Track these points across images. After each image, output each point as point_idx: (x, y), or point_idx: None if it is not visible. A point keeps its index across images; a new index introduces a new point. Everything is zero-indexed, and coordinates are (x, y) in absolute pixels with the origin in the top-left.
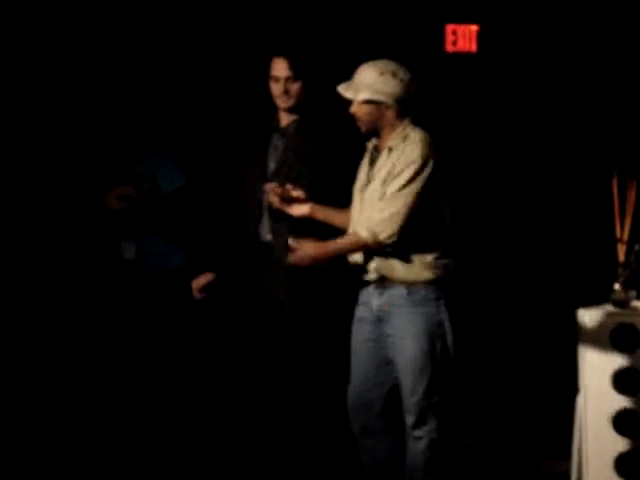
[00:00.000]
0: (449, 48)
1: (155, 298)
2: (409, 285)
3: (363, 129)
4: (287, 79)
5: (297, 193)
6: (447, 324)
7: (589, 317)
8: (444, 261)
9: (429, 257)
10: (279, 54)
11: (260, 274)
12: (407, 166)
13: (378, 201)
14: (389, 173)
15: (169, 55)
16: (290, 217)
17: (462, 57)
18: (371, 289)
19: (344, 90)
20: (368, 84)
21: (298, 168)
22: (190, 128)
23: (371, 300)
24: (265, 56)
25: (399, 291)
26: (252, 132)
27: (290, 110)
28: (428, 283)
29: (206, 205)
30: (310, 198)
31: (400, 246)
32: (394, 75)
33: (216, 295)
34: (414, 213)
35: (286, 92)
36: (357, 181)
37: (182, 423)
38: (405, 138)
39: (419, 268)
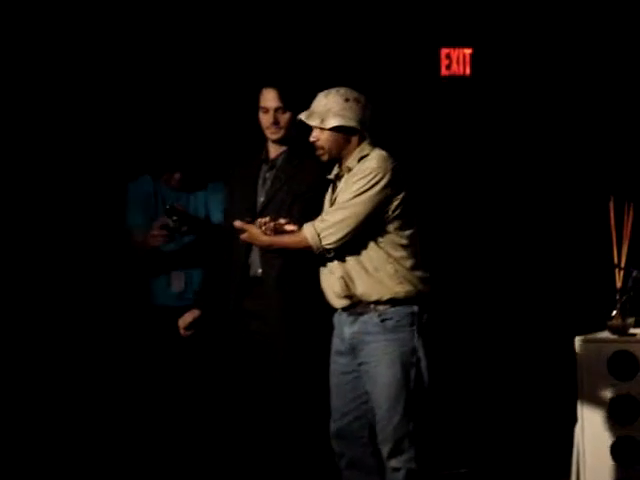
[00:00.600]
0: (443, 72)
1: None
2: (381, 310)
3: (325, 157)
4: (277, 110)
5: (291, 227)
6: (421, 350)
7: (586, 345)
8: (417, 273)
9: (400, 269)
10: (268, 85)
11: (250, 308)
12: (361, 177)
13: (331, 208)
14: (346, 184)
15: (156, 86)
16: (280, 250)
17: (456, 81)
18: (343, 317)
19: (307, 118)
20: (336, 111)
21: (289, 201)
22: (178, 159)
23: (343, 329)
24: (253, 87)
25: (371, 318)
26: (240, 164)
27: (279, 141)
28: (401, 303)
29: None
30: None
31: (363, 258)
32: (357, 101)
33: (204, 332)
34: (368, 223)
35: (276, 123)
36: (323, 211)
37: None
38: (363, 157)
39: (388, 281)
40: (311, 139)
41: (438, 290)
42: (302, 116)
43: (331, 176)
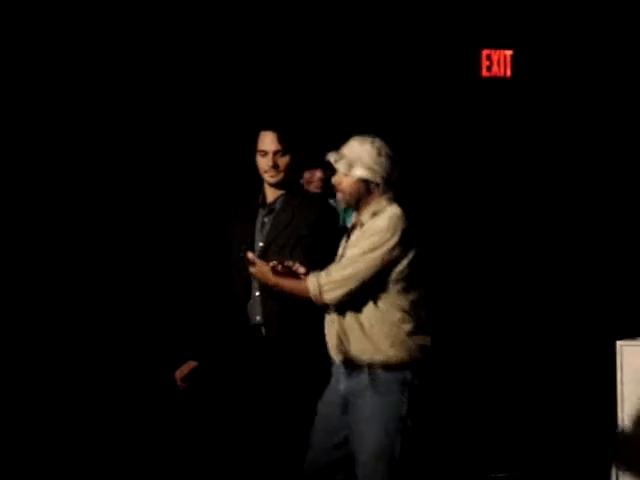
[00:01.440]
0: (484, 73)
1: None
2: (372, 371)
3: (344, 203)
4: (276, 153)
5: (302, 270)
6: (409, 419)
7: (627, 349)
8: (415, 339)
9: (397, 332)
10: (267, 127)
11: (250, 357)
12: (371, 235)
13: (339, 263)
14: (357, 239)
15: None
16: (281, 296)
17: (497, 82)
18: (340, 370)
19: (336, 162)
20: (365, 162)
21: (289, 246)
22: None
23: (339, 381)
24: (250, 130)
25: (362, 378)
26: (237, 209)
27: (277, 185)
28: (393, 368)
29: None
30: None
31: (361, 315)
32: (389, 157)
33: (202, 383)
34: (373, 282)
35: (274, 166)
36: (336, 259)
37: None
38: (377, 212)
39: (382, 342)
40: (333, 181)
41: (440, 354)
42: (331, 157)
43: (349, 224)
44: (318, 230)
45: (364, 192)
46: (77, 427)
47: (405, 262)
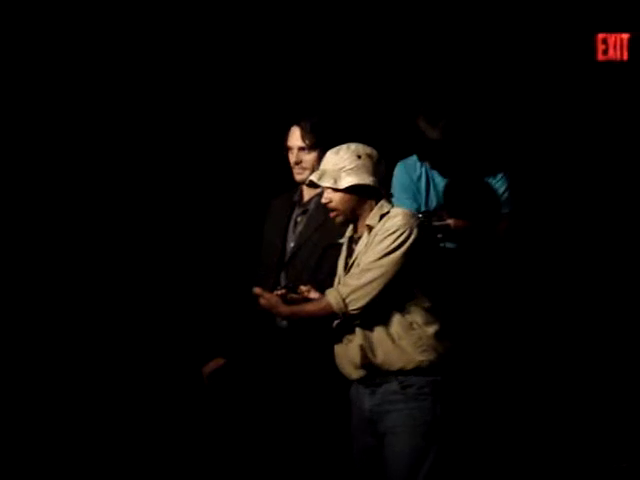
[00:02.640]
0: (600, 57)
1: None
2: (401, 376)
3: (340, 219)
4: (300, 149)
5: (314, 294)
6: (443, 421)
7: None
8: (442, 341)
9: (424, 336)
10: (295, 123)
11: (276, 360)
12: (387, 236)
13: (356, 270)
14: (369, 245)
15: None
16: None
17: (613, 66)
18: (361, 390)
19: (319, 179)
20: (349, 169)
21: (318, 253)
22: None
23: (362, 401)
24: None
25: (392, 386)
26: (272, 205)
27: (310, 183)
28: (423, 370)
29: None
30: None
31: (386, 323)
32: (370, 157)
33: (228, 381)
34: (394, 285)
35: (298, 163)
36: (336, 277)
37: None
38: (384, 215)
39: (411, 349)
40: (323, 201)
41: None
42: (313, 177)
43: (344, 239)
44: None
45: (358, 201)
46: (99, 422)
47: (423, 261)
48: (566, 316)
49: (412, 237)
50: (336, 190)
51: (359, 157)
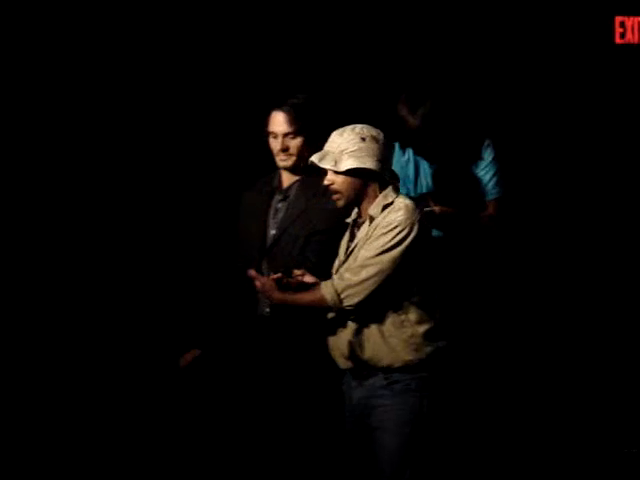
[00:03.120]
0: (617, 40)
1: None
2: (387, 372)
3: (342, 202)
4: (286, 135)
5: (309, 279)
6: (430, 418)
7: None
8: (433, 340)
9: (415, 333)
10: (277, 107)
11: (257, 349)
12: (387, 231)
13: (353, 265)
14: (368, 238)
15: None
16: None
17: (630, 49)
18: (350, 379)
19: (320, 161)
20: (351, 151)
21: (302, 239)
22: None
23: (351, 392)
24: (264, 109)
25: (377, 381)
26: (249, 193)
27: (292, 170)
28: (410, 368)
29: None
30: (313, 270)
31: (378, 319)
32: (375, 140)
33: (206, 372)
34: (391, 282)
35: (284, 149)
36: (336, 260)
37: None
38: (387, 205)
39: (401, 347)
40: (325, 182)
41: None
42: (314, 158)
43: (349, 220)
44: (334, 224)
45: (361, 185)
46: (78, 421)
47: (422, 258)
48: (559, 307)
49: (412, 234)
50: (337, 173)
51: (363, 139)
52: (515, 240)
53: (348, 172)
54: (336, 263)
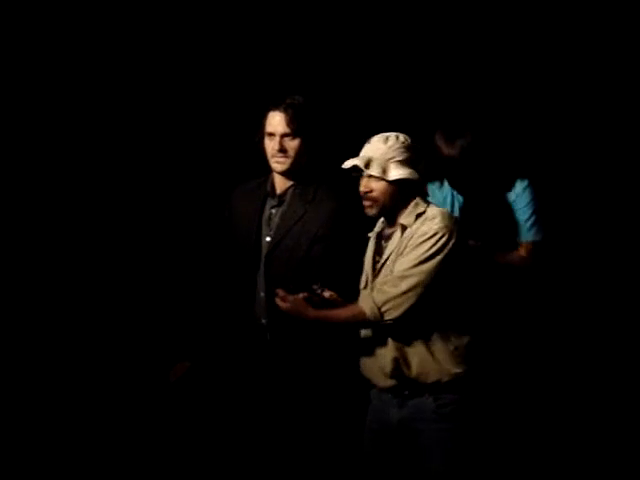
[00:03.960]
0: None
1: None
2: (436, 392)
3: (375, 211)
4: (284, 136)
5: (328, 294)
6: (476, 440)
7: None
8: (476, 351)
9: (459, 345)
10: (275, 106)
11: (255, 359)
12: (425, 240)
13: (392, 276)
14: (404, 248)
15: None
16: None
17: None
18: (387, 397)
19: (367, 167)
20: (398, 161)
21: (306, 245)
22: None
23: (388, 410)
24: (259, 109)
25: (425, 404)
26: (241, 196)
27: (287, 174)
28: (458, 387)
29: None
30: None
31: (422, 333)
32: (417, 150)
33: (200, 384)
34: (432, 292)
35: (282, 151)
36: (363, 275)
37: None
38: (420, 214)
39: (448, 361)
40: (362, 189)
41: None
42: (359, 163)
43: (371, 234)
44: (337, 231)
45: (401, 195)
46: (67, 428)
47: (461, 266)
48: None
49: (452, 242)
50: (381, 180)
51: (408, 149)
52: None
53: (394, 182)
54: (363, 278)
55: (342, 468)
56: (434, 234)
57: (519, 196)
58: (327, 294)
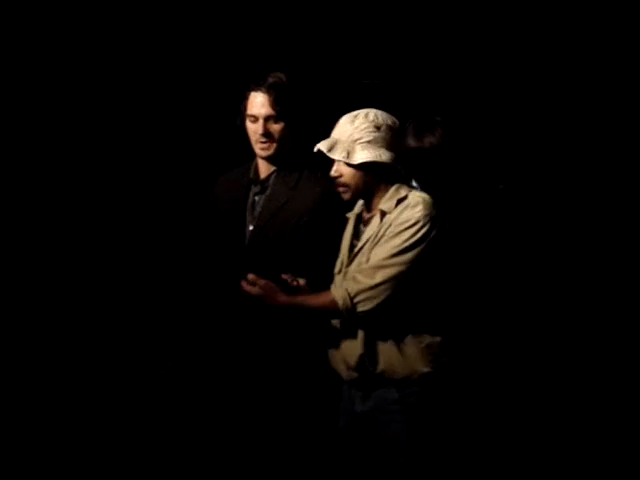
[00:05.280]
0: None
1: None
2: (401, 384)
3: (348, 195)
4: (268, 118)
5: (302, 282)
6: (443, 433)
7: None
8: (448, 351)
9: (432, 343)
10: (257, 86)
11: (237, 353)
12: (405, 228)
13: (367, 266)
14: (381, 237)
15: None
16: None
17: None
18: (352, 391)
19: (329, 150)
20: (365, 142)
21: (288, 233)
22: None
23: (353, 402)
24: (239, 89)
25: (388, 394)
26: (224, 183)
27: (271, 158)
28: (426, 380)
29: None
30: (297, 271)
31: (393, 327)
32: (391, 128)
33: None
34: (409, 285)
35: (266, 134)
36: (339, 259)
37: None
38: (401, 200)
39: (418, 360)
40: (332, 174)
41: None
42: (322, 147)
43: (351, 214)
44: (319, 218)
45: (373, 179)
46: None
47: (441, 260)
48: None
49: (433, 232)
50: (348, 165)
51: (378, 128)
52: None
53: (361, 165)
54: (338, 262)
55: (314, 462)
56: (415, 223)
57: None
58: (302, 281)
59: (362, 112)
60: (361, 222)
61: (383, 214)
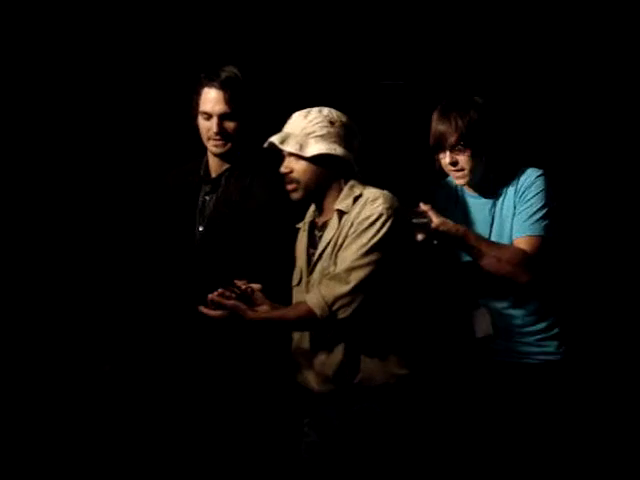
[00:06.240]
0: None
1: None
2: (378, 392)
3: (299, 194)
4: (222, 116)
5: (257, 287)
6: (420, 438)
7: None
8: (423, 351)
9: (410, 347)
10: (211, 82)
11: (195, 349)
12: (369, 225)
13: (338, 270)
14: (344, 238)
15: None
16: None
17: None
18: (325, 403)
19: (282, 143)
20: (318, 135)
21: (238, 234)
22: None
23: (327, 407)
24: (191, 85)
25: (365, 404)
26: (173, 181)
27: (224, 156)
28: (403, 381)
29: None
30: (249, 275)
31: (378, 331)
32: (345, 126)
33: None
34: (382, 284)
35: (220, 132)
36: (296, 270)
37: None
38: (358, 198)
39: (394, 362)
40: (282, 170)
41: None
42: (275, 140)
43: (301, 224)
44: (271, 220)
45: (325, 175)
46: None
47: (407, 255)
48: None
49: (398, 225)
50: (300, 158)
51: (332, 123)
52: None
53: (313, 159)
54: (296, 274)
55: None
56: (378, 217)
57: (529, 187)
58: (256, 287)
59: (315, 108)
60: (315, 228)
61: (341, 214)
